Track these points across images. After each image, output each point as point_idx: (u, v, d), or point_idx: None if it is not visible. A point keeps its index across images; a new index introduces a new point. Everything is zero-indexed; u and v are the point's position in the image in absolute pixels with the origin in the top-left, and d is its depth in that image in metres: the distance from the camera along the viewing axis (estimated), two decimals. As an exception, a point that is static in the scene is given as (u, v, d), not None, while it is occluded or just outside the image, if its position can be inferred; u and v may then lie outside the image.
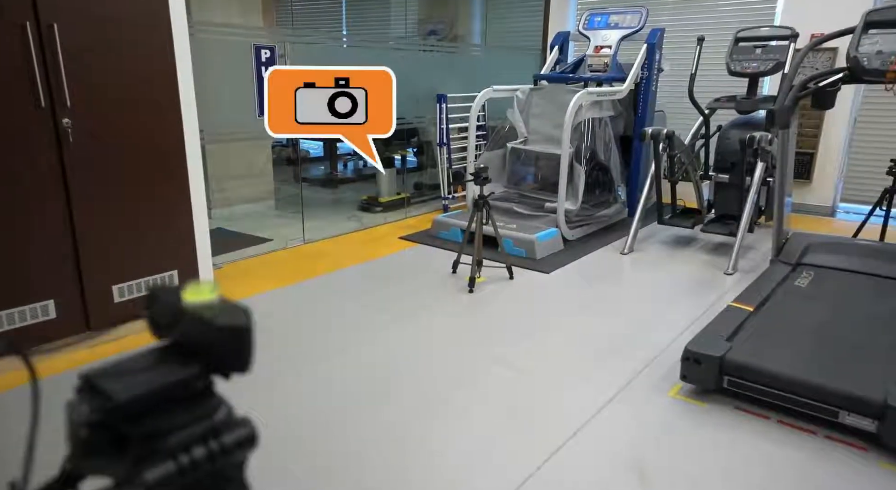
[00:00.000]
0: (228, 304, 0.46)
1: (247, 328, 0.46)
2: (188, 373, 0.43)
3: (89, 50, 2.50)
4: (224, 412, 0.45)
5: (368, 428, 2.17)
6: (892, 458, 1.97)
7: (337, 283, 3.71)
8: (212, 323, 0.44)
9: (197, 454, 0.40)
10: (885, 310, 2.75)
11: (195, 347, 0.44)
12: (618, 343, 2.89)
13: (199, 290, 0.46)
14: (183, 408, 0.42)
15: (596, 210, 4.90)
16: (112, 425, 0.39)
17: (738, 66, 4.43)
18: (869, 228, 4.19)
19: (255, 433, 0.46)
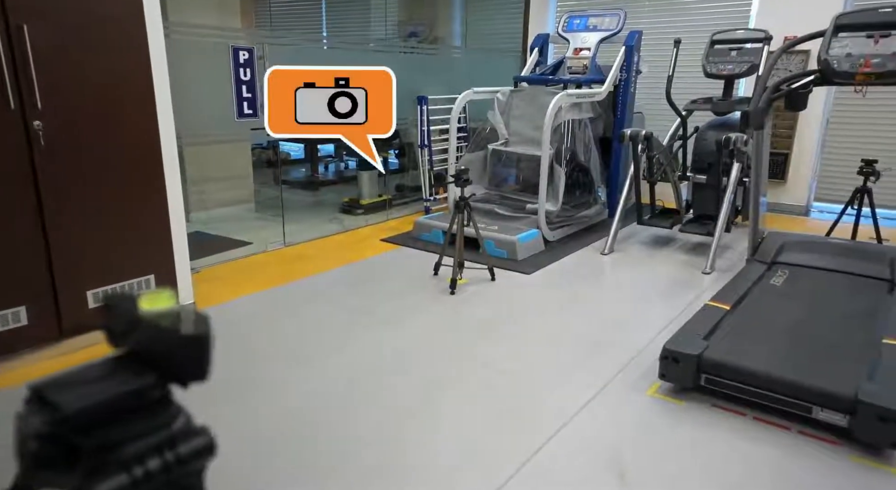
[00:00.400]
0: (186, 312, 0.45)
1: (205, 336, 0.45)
2: (143, 382, 0.42)
3: (61, 51, 2.45)
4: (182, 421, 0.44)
5: (351, 430, 2.16)
6: (863, 452, 2.02)
7: (318, 286, 3.68)
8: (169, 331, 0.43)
9: (152, 465, 0.40)
10: (857, 307, 2.81)
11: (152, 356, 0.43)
12: (598, 343, 2.91)
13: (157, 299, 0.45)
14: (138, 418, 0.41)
15: (576, 211, 4.94)
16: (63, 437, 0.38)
17: (713, 69, 4.50)
18: (842, 227, 4.28)
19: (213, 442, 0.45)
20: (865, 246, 3.55)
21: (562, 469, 1.97)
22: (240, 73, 3.90)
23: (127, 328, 0.44)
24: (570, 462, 2.00)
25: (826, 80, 2.98)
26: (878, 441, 1.97)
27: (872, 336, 2.46)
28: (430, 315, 3.25)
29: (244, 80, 3.93)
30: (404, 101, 5.35)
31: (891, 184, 5.18)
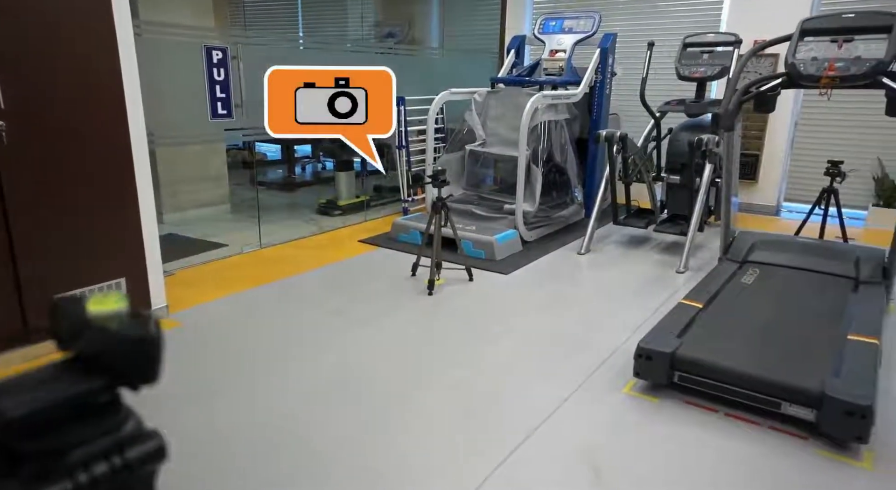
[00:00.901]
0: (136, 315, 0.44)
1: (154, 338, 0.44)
2: (90, 386, 0.41)
3: (25, 50, 2.39)
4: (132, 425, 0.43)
5: (327, 432, 2.14)
6: (829, 446, 2.07)
7: (295, 288, 3.65)
8: (116, 333, 0.43)
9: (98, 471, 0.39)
10: (823, 305, 2.88)
11: (100, 359, 0.42)
12: (575, 342, 2.94)
13: (105, 301, 0.44)
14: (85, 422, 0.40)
15: (554, 211, 4.98)
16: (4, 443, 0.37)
17: (686, 71, 4.58)
18: (810, 226, 4.39)
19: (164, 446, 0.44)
20: (832, 245, 3.64)
21: (537, 469, 1.98)
22: (213, 72, 3.84)
23: (74, 331, 0.43)
24: (545, 461, 2.01)
25: (793, 82, 3.05)
26: (843, 435, 2.02)
27: (838, 333, 2.52)
28: (408, 316, 3.24)
29: (218, 80, 3.88)
30: (382, 102, 5.34)
31: (856, 184, 5.34)
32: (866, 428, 1.95)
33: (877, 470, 1.95)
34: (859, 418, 1.95)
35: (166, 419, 2.18)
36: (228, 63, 3.91)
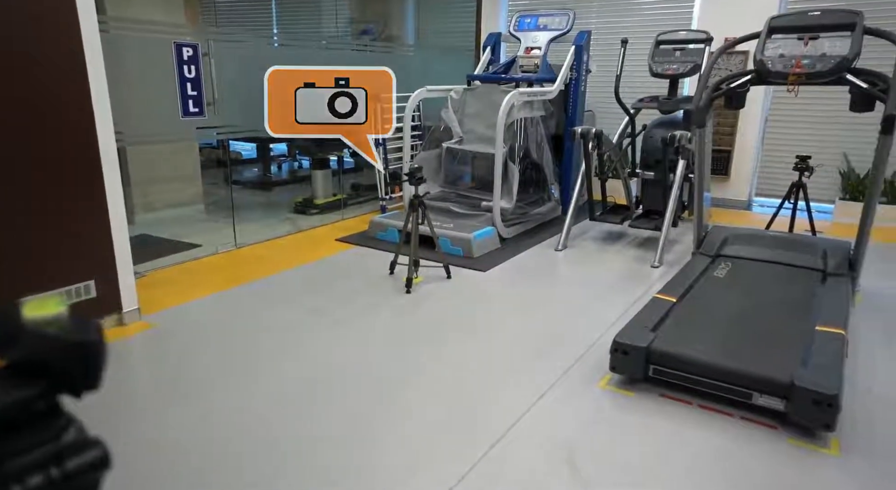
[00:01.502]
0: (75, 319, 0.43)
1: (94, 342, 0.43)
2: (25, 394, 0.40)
3: (-16, 46, 2.32)
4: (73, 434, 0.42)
5: (304, 432, 2.12)
6: (799, 435, 2.11)
7: (272, 288, 3.61)
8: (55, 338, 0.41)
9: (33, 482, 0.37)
10: (793, 296, 2.95)
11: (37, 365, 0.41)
12: (552, 338, 2.96)
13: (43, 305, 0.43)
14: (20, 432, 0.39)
15: (531, 208, 5.00)
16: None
17: (659, 68, 4.63)
18: (780, 220, 4.48)
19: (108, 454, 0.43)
20: (801, 238, 3.72)
21: (515, 464, 1.98)
22: (184, 70, 3.77)
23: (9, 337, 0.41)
24: (523, 456, 2.02)
25: (762, 79, 3.11)
26: (811, 423, 2.07)
27: (806, 324, 2.58)
28: (386, 314, 3.23)
29: (189, 77, 3.81)
30: (358, 100, 5.30)
31: (824, 179, 5.47)
32: (833, 416, 2.00)
33: (843, 456, 2.01)
34: (826, 407, 2.00)
35: (136, 424, 2.14)
36: (199, 60, 3.83)
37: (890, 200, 5.12)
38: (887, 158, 2.94)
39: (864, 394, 2.41)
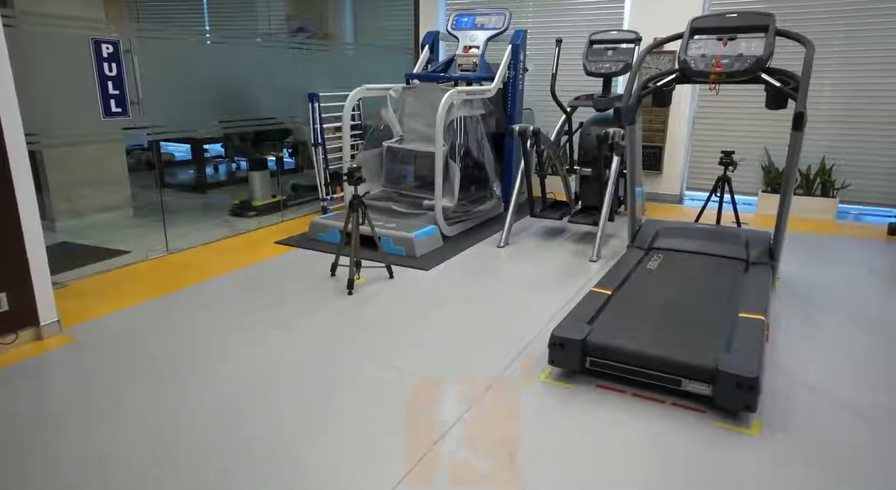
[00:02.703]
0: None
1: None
2: None
3: None
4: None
5: (242, 443, 2.05)
6: (725, 418, 2.22)
7: (206, 294, 3.48)
8: None
9: None
10: (718, 285, 3.09)
11: None
12: (495, 334, 2.99)
13: None
14: None
15: (473, 206, 5.04)
16: None
17: (593, 67, 4.76)
18: (709, 213, 4.70)
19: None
20: (726, 230, 3.91)
21: (456, 462, 1.99)
22: (104, 68, 3.57)
23: None
24: (464, 454, 2.03)
25: (686, 78, 3.25)
26: (735, 405, 2.18)
27: (731, 311, 2.72)
28: (327, 316, 3.18)
29: (110, 75, 3.61)
30: (296, 99, 5.19)
31: (748, 173, 5.78)
32: (754, 398, 2.12)
33: (763, 435, 2.12)
34: (748, 390, 2.11)
35: (59, 442, 2.01)
36: (121, 57, 3.64)
37: (806, 192, 5.47)
38: (800, 153, 3.13)
39: (783, 375, 2.56)
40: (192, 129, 4.82)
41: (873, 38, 5.18)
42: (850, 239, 4.79)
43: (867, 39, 5.21)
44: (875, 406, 2.34)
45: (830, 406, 2.33)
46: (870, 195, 5.47)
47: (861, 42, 5.23)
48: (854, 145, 5.44)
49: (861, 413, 2.29)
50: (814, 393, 2.43)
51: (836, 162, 5.46)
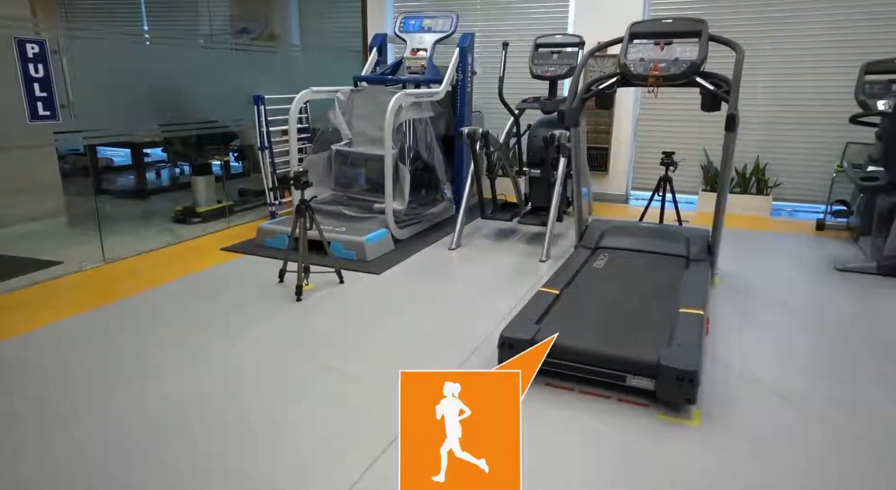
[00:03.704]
0: None
1: None
2: None
3: None
4: None
5: (181, 459, 1.97)
6: (666, 410, 2.29)
7: (146, 305, 3.34)
8: None
9: None
10: (660, 281, 3.19)
11: None
12: (446, 336, 2.99)
13: None
14: None
15: (424, 209, 5.04)
16: None
17: (539, 70, 4.84)
18: (653, 212, 4.85)
19: None
20: (668, 228, 4.05)
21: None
22: (29, 69, 3.38)
23: None
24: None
25: (626, 81, 3.34)
26: (676, 398, 2.25)
27: (672, 307, 2.81)
28: (274, 324, 3.10)
29: (36, 77, 3.42)
30: (240, 101, 5.06)
31: (689, 172, 6.01)
32: (694, 390, 2.19)
33: (703, 426, 2.20)
34: (688, 382, 2.18)
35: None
36: (48, 58, 3.46)
37: (743, 190, 5.72)
38: (733, 153, 3.26)
39: (721, 366, 2.66)
40: (131, 133, 4.63)
41: (800, 46, 5.48)
42: (783, 234, 5.04)
43: (794, 47, 5.50)
44: (801, 390, 2.46)
45: (763, 393, 2.44)
46: (800, 192, 5.78)
47: (789, 49, 5.52)
48: (785, 145, 5.73)
49: (789, 398, 2.40)
50: (748, 382, 2.53)
51: (769, 161, 5.74)
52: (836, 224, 5.16)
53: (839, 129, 5.41)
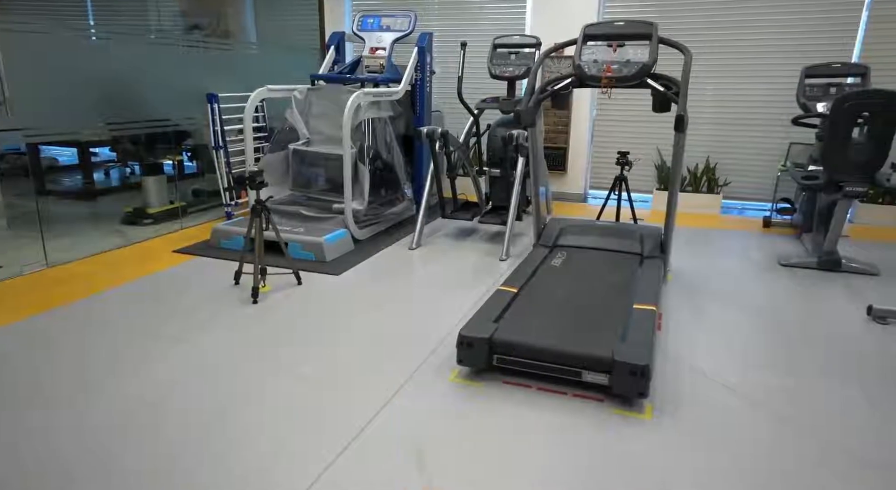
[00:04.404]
0: None
1: None
2: None
3: None
4: None
5: (127, 469, 1.90)
6: (621, 405, 2.34)
7: (93, 310, 3.21)
8: None
9: None
10: (616, 279, 3.26)
11: None
12: (405, 336, 2.98)
13: None
14: None
15: (384, 208, 5.01)
16: None
17: (497, 71, 4.87)
18: (609, 210, 4.95)
19: None
20: (623, 226, 4.14)
21: (364, 468, 1.96)
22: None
23: None
24: (372, 459, 2.00)
25: (581, 82, 3.40)
26: (629, 392, 2.31)
27: (626, 303, 2.87)
28: (229, 328, 3.03)
29: (-32, 71, 3.24)
30: (193, 100, 4.92)
31: (644, 171, 6.16)
32: (646, 384, 2.25)
33: (654, 418, 2.26)
34: (640, 377, 2.24)
35: None
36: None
37: (694, 189, 5.90)
38: (683, 152, 3.36)
39: (672, 360, 2.74)
40: (76, 131, 4.44)
41: (747, 50, 5.69)
42: (732, 231, 5.22)
43: (742, 50, 5.71)
44: (747, 381, 2.56)
45: (711, 385, 2.52)
46: (749, 191, 6.00)
47: (737, 52, 5.72)
48: (734, 145, 5.94)
49: (736, 389, 2.49)
50: (698, 374, 2.62)
51: (718, 161, 5.94)
52: (781, 221, 5.39)
53: (784, 130, 5.65)
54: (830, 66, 4.80)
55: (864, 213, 5.44)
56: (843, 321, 3.25)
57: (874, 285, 3.82)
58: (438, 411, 2.32)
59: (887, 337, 3.05)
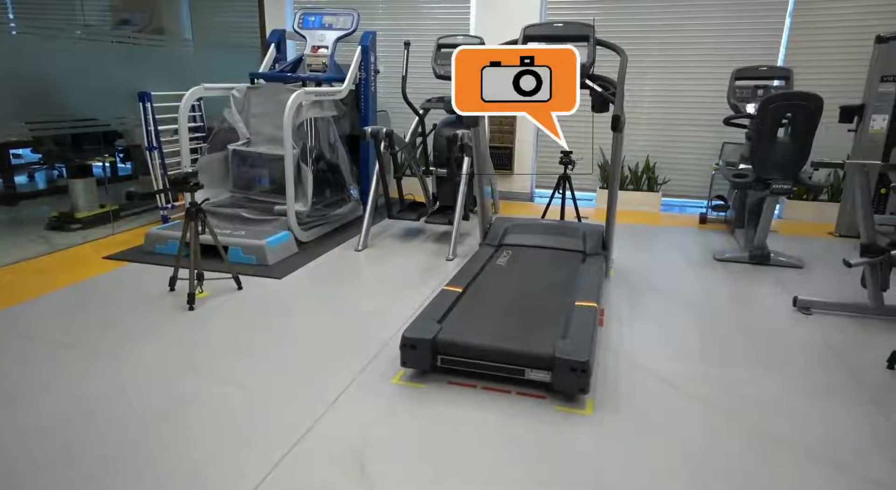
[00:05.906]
0: None
1: None
2: None
3: None
4: None
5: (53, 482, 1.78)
6: (563, 401, 2.37)
7: (13, 321, 3.00)
8: None
9: None
10: (559, 276, 3.31)
11: None
12: (349, 339, 2.92)
13: None
14: None
15: (329, 210, 4.92)
16: None
17: (441, 71, 4.86)
18: (554, 209, 5.03)
19: None
20: (567, 224, 4.21)
21: (306, 471, 1.91)
22: None
23: None
24: (313, 465, 1.95)
25: (522, 83, 3.42)
26: (570, 389, 2.33)
27: (568, 301, 2.91)
28: (163, 337, 2.89)
29: None
30: (124, 98, 4.69)
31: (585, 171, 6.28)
32: (586, 380, 2.28)
33: (595, 414, 2.30)
34: (581, 373, 2.27)
35: None
36: None
37: (635, 187, 6.08)
38: (621, 151, 3.44)
39: (613, 355, 2.80)
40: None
41: (683, 52, 5.90)
42: (671, 228, 5.41)
43: (678, 52, 5.92)
44: (683, 374, 2.64)
45: (649, 379, 2.59)
46: (686, 189, 6.22)
47: (673, 54, 5.93)
48: (672, 145, 6.15)
49: (672, 382, 2.57)
50: (637, 368, 2.68)
51: (658, 160, 6.14)
52: (716, 218, 5.62)
53: (718, 130, 5.88)
54: (758, 69, 5.04)
55: (791, 209, 5.74)
56: (771, 312, 3.40)
57: (799, 278, 4.02)
58: (383, 414, 2.28)
59: (811, 326, 3.21)
